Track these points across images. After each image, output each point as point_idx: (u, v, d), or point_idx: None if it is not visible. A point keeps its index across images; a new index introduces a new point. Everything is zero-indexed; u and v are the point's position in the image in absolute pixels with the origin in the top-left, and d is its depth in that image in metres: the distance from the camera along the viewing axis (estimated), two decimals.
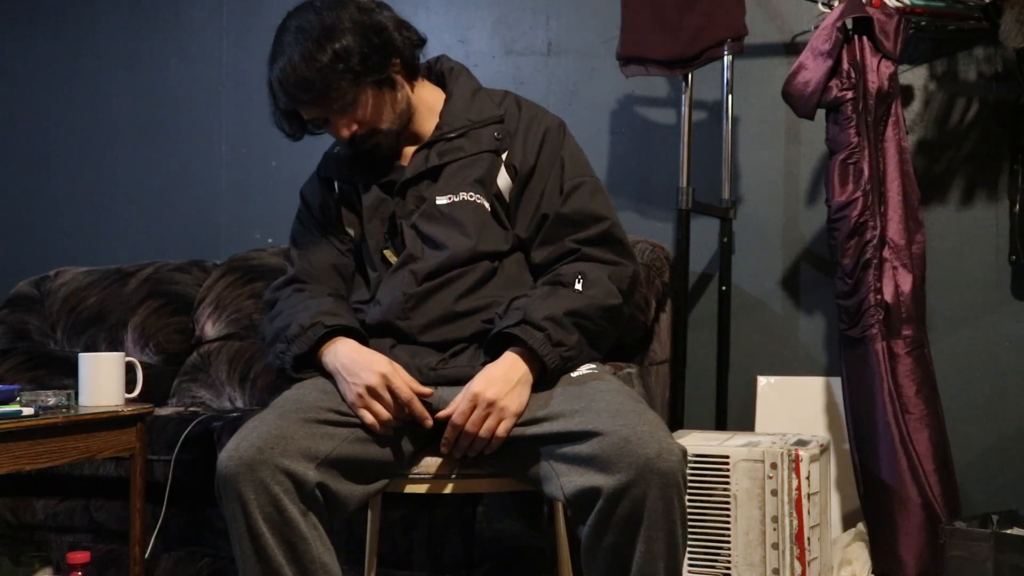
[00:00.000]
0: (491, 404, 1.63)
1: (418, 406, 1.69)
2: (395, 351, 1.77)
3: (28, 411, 1.96)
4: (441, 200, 1.82)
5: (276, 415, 1.60)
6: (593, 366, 1.76)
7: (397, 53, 1.83)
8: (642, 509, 1.46)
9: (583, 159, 1.90)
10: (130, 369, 2.20)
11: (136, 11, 3.74)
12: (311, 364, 1.78)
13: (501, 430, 1.63)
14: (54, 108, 3.84)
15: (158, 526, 2.43)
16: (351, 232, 1.92)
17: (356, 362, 1.69)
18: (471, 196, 1.81)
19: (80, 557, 1.98)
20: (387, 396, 1.66)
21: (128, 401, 2.18)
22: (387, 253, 1.86)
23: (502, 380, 1.64)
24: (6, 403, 1.96)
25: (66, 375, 2.84)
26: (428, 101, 1.91)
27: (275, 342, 1.81)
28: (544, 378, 1.69)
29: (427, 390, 1.70)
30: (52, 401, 2.03)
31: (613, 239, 1.82)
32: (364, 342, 1.77)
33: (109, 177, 3.76)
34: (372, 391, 1.65)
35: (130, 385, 2.19)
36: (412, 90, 1.88)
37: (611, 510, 1.48)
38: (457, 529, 2.29)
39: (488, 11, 3.33)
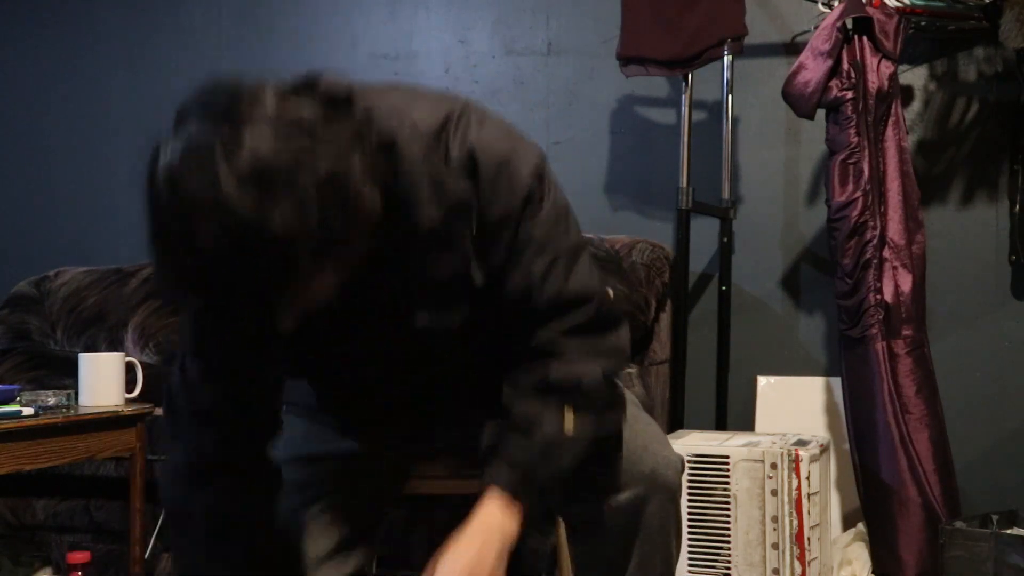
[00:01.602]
0: None
1: None
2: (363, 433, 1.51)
3: (28, 411, 1.96)
4: (418, 322, 1.37)
5: None
6: None
7: (366, 208, 1.13)
8: (637, 524, 1.43)
9: (556, 216, 1.36)
10: (130, 369, 2.20)
11: (136, 11, 3.74)
12: None
13: None
14: (54, 108, 3.84)
15: (158, 526, 2.43)
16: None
17: None
18: (449, 313, 1.37)
19: (80, 557, 1.98)
20: None
21: (128, 401, 2.18)
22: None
23: (477, 570, 1.37)
24: (6, 403, 1.96)
25: (66, 375, 2.83)
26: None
27: None
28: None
29: None
30: (52, 401, 2.03)
31: (602, 319, 1.40)
32: None
33: (109, 177, 3.75)
34: None
35: (130, 385, 2.19)
36: None
37: (606, 525, 1.46)
38: (457, 529, 2.28)
39: (488, 11, 3.33)
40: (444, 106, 1.32)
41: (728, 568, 2.16)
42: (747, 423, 2.90)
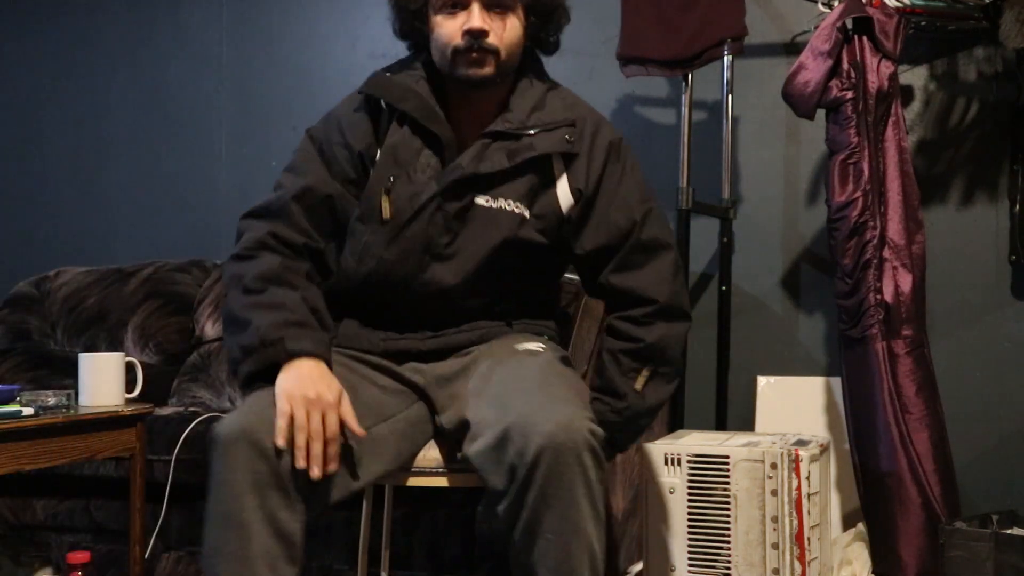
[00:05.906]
0: None
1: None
2: (386, 315, 1.80)
3: (28, 411, 1.95)
4: (480, 200, 1.74)
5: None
6: (541, 344, 1.78)
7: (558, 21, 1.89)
8: (541, 489, 1.47)
9: (644, 179, 1.85)
10: (130, 369, 2.20)
11: (136, 11, 3.74)
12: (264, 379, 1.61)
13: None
14: (54, 108, 3.84)
15: (158, 526, 2.43)
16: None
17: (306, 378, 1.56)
18: (511, 206, 1.74)
19: (80, 557, 1.98)
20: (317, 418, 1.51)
21: (128, 401, 2.18)
22: (385, 203, 1.74)
23: None
24: (6, 403, 1.96)
25: (66, 375, 2.84)
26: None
27: (234, 339, 1.65)
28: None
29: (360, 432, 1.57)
30: (52, 401, 2.03)
31: (674, 309, 1.76)
32: (329, 366, 1.63)
33: (109, 177, 3.76)
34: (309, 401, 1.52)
35: (130, 385, 2.19)
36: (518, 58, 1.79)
37: (516, 503, 1.50)
38: (457, 529, 2.29)
39: None
40: None
41: (728, 568, 2.16)
42: (747, 423, 2.90)
